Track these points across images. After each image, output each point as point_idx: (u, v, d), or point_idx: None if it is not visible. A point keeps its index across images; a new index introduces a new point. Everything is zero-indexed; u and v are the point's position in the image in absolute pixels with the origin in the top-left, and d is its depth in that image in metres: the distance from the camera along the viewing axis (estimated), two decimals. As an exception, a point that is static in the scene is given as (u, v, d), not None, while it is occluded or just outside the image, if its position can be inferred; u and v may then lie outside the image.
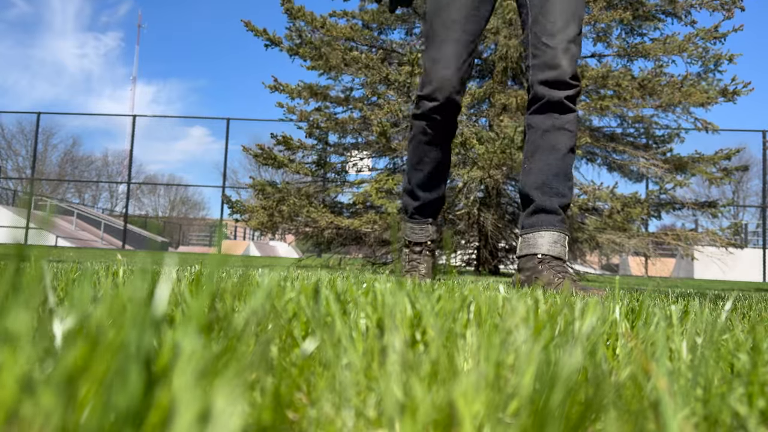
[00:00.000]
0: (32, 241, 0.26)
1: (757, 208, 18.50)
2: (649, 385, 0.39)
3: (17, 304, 0.23)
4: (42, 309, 0.45)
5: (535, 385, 0.28)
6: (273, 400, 0.27)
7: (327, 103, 6.17)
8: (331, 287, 0.69)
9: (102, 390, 0.22)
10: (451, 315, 0.47)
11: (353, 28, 5.97)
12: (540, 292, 0.81)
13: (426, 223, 2.40)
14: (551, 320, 0.46)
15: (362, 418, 0.32)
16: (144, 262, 0.29)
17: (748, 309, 1.11)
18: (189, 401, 0.22)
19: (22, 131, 32.14)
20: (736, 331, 0.62)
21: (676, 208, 6.52)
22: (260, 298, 0.39)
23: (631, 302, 0.91)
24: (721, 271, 10.68)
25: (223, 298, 0.51)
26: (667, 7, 6.22)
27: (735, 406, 0.36)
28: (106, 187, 36.14)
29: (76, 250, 11.39)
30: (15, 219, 14.32)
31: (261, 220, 5.63)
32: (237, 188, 23.79)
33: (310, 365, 0.40)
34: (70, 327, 0.26)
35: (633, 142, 6.72)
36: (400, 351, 0.32)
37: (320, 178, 6.28)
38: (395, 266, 0.76)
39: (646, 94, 6.01)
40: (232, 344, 0.29)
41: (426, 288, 0.74)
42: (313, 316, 0.50)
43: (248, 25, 5.84)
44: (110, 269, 1.11)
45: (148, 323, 0.23)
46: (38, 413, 0.21)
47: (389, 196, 5.30)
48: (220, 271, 0.36)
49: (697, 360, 0.39)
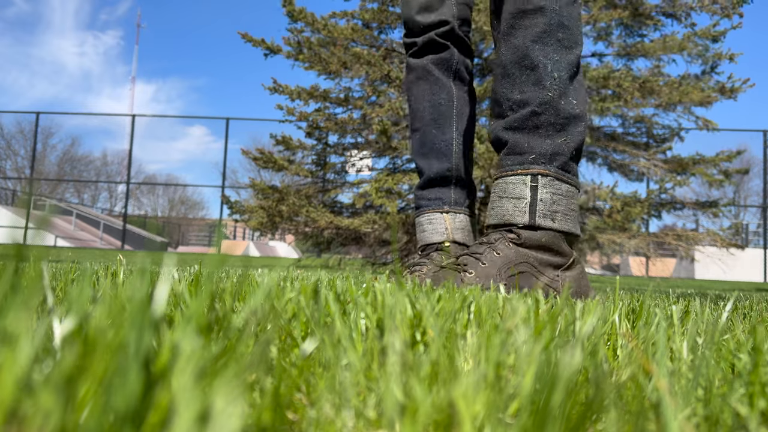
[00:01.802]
0: (31, 241, 0.26)
1: (758, 208, 18.51)
2: (650, 385, 0.39)
3: (16, 305, 0.23)
4: (41, 309, 0.45)
5: (535, 385, 0.28)
6: (272, 400, 0.27)
7: (327, 104, 6.17)
8: (331, 287, 0.69)
9: (101, 390, 0.22)
10: (451, 315, 0.47)
11: (354, 28, 5.97)
12: (540, 293, 0.81)
13: (436, 211, 1.67)
14: (551, 321, 0.46)
15: (362, 419, 0.32)
16: (143, 262, 0.29)
17: (749, 309, 1.11)
18: (188, 401, 0.21)
19: (21, 131, 32.16)
20: (737, 331, 0.61)
21: (677, 208, 6.52)
22: (260, 298, 0.39)
23: (631, 302, 0.91)
24: (722, 271, 10.69)
25: (223, 298, 0.50)
26: (667, 9, 6.22)
27: (736, 406, 0.36)
28: (106, 187, 36.18)
29: (75, 250, 11.39)
30: (14, 219, 14.31)
31: (260, 220, 5.63)
32: (236, 188, 23.81)
33: (309, 366, 0.40)
34: (69, 327, 0.26)
35: (633, 142, 6.72)
36: (400, 351, 0.32)
37: (320, 178, 6.28)
38: (395, 266, 0.74)
39: (646, 94, 6.02)
40: (231, 344, 0.28)
41: (426, 288, 0.73)
42: (312, 317, 0.50)
43: (245, 36, 5.83)
44: (109, 269, 1.11)
45: (148, 323, 0.23)
46: (37, 413, 0.21)
47: (389, 195, 5.30)
48: (219, 271, 0.36)
49: (697, 360, 0.39)
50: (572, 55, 1.37)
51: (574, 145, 1.36)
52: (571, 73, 1.37)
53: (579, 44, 1.39)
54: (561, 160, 1.34)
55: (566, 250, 1.37)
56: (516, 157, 1.36)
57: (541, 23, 1.34)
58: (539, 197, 1.32)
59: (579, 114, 1.37)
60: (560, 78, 1.34)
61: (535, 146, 1.34)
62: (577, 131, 1.37)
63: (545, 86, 1.33)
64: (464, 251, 1.57)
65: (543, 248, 1.33)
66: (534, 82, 1.34)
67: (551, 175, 1.33)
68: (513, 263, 1.31)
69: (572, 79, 1.37)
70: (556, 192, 1.33)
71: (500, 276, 1.29)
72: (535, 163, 1.33)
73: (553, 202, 1.33)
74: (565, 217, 1.34)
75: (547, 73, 1.33)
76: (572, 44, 1.37)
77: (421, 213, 1.71)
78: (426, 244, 1.67)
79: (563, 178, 1.34)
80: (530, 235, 1.32)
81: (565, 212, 1.35)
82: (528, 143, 1.35)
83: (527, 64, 1.35)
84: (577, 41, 1.38)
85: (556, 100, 1.33)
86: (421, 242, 1.69)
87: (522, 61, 1.35)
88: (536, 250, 1.33)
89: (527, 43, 1.34)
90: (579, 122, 1.37)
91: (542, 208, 1.32)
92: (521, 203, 1.32)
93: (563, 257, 1.37)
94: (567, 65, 1.35)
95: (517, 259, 1.31)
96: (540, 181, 1.32)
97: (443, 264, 1.46)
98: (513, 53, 1.37)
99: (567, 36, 1.36)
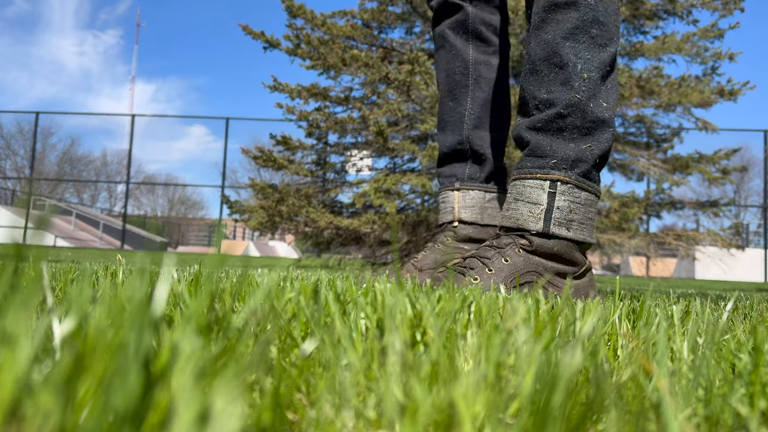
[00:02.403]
0: (31, 241, 0.26)
1: (758, 208, 18.52)
2: (651, 385, 0.39)
3: (16, 305, 0.23)
4: (41, 309, 0.45)
5: (535, 385, 0.28)
6: (272, 400, 0.27)
7: (327, 103, 6.17)
8: (331, 287, 0.69)
9: (101, 390, 0.22)
10: (451, 315, 0.47)
11: (353, 26, 5.97)
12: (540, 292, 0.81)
13: (448, 189, 1.63)
14: (552, 321, 0.46)
15: (362, 419, 0.32)
16: (143, 262, 0.29)
17: (749, 309, 1.11)
18: (188, 402, 0.21)
19: (21, 131, 32.15)
20: (738, 331, 0.61)
21: (677, 207, 6.52)
22: (259, 298, 0.39)
23: (632, 302, 0.91)
24: (722, 271, 10.69)
25: (222, 298, 0.50)
26: (668, 6, 6.22)
27: (736, 406, 0.36)
28: (105, 186, 36.17)
29: (74, 250, 11.39)
30: (13, 219, 14.31)
31: (260, 220, 5.62)
32: (236, 188, 23.80)
33: (309, 366, 0.40)
34: (69, 327, 0.26)
35: (633, 142, 6.72)
36: (400, 351, 0.32)
37: (320, 178, 6.27)
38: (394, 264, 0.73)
39: (646, 94, 6.02)
40: (231, 345, 0.28)
41: (426, 288, 0.73)
42: (312, 317, 0.50)
43: (246, 28, 5.84)
44: (109, 269, 1.11)
45: (147, 323, 0.23)
46: (37, 413, 0.21)
47: (388, 196, 5.30)
48: (219, 271, 0.36)
49: (698, 360, 0.39)
50: (606, 54, 1.29)
51: (599, 152, 1.30)
52: (603, 73, 1.29)
53: (614, 41, 1.30)
54: (583, 167, 1.28)
55: (579, 259, 1.33)
56: (537, 160, 1.30)
57: (573, 18, 1.26)
58: (556, 204, 1.27)
59: (607, 119, 1.29)
60: (590, 78, 1.27)
61: (558, 150, 1.28)
62: (604, 137, 1.30)
63: (573, 87, 1.26)
64: (472, 231, 1.56)
65: (555, 257, 1.29)
66: (562, 81, 1.27)
67: (571, 182, 1.27)
68: (521, 272, 1.26)
69: (604, 79, 1.30)
70: (575, 200, 1.28)
71: (506, 286, 1.25)
72: (556, 168, 1.28)
73: (570, 211, 1.27)
74: (581, 226, 1.30)
75: (576, 73, 1.26)
76: (607, 42, 1.29)
77: (439, 192, 1.66)
78: (437, 225, 1.64)
79: (583, 186, 1.29)
80: (543, 242, 1.27)
81: (581, 221, 1.29)
82: (551, 146, 1.29)
83: (556, 62, 1.28)
84: (612, 38, 1.30)
85: (584, 103, 1.27)
86: (437, 223, 1.65)
87: (551, 58, 1.28)
88: (547, 259, 1.28)
89: (558, 39, 1.27)
90: (607, 128, 1.30)
91: (558, 216, 1.27)
92: (537, 209, 1.27)
93: (575, 266, 1.33)
94: (599, 64, 1.28)
95: (526, 267, 1.26)
96: (559, 188, 1.27)
97: (447, 264, 1.43)
98: (542, 49, 1.30)
99: (601, 33, 1.27)
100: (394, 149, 5.57)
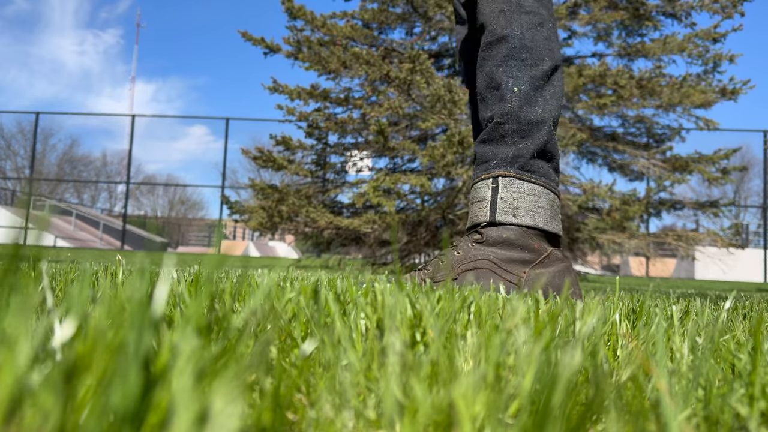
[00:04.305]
0: (31, 241, 0.26)
1: (758, 208, 18.51)
2: (650, 385, 0.39)
3: (15, 305, 0.23)
4: (41, 309, 0.45)
5: (535, 385, 0.28)
6: (272, 401, 0.27)
7: (327, 104, 6.17)
8: (331, 288, 0.69)
9: (101, 390, 0.22)
10: (451, 315, 0.47)
11: (353, 27, 5.97)
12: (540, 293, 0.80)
13: None
14: (551, 321, 0.46)
15: (362, 419, 0.32)
16: (143, 262, 0.29)
17: (749, 309, 1.11)
18: (188, 402, 0.21)
19: (21, 131, 32.16)
20: (737, 331, 0.61)
21: (677, 207, 6.53)
22: (259, 298, 0.39)
23: (631, 303, 0.91)
24: (722, 271, 10.69)
25: (222, 298, 0.50)
26: (668, 8, 6.22)
27: (736, 406, 0.36)
28: (105, 187, 36.19)
29: (74, 250, 11.39)
30: (13, 219, 14.31)
31: (260, 221, 5.62)
32: (236, 188, 23.79)
33: (309, 366, 0.40)
34: (69, 327, 0.26)
35: (633, 142, 6.72)
36: (400, 352, 0.32)
37: (320, 178, 6.27)
38: (395, 266, 0.75)
39: (646, 94, 6.02)
40: (231, 345, 0.28)
41: (426, 289, 0.73)
42: (312, 317, 0.50)
43: (245, 34, 5.84)
44: (109, 270, 1.11)
45: (147, 324, 0.23)
46: (37, 413, 0.21)
47: (387, 195, 5.30)
48: (219, 271, 0.36)
49: (697, 361, 0.39)
50: (537, 71, 1.45)
51: (535, 147, 1.42)
52: (536, 85, 1.45)
53: (546, 60, 1.46)
54: (521, 161, 1.41)
55: (535, 246, 1.39)
56: (482, 165, 1.45)
57: (504, 49, 1.45)
58: (500, 196, 1.39)
59: (542, 119, 1.43)
60: (521, 90, 1.43)
61: (498, 153, 1.43)
62: (540, 134, 1.42)
63: (506, 99, 1.43)
64: None
65: (507, 244, 1.37)
66: (498, 98, 1.44)
67: (510, 175, 1.40)
68: (470, 260, 1.35)
69: (538, 89, 1.44)
70: (517, 190, 1.40)
71: (453, 271, 1.35)
72: (497, 167, 1.42)
73: (514, 200, 1.39)
74: (529, 213, 1.39)
75: (508, 89, 1.43)
76: (537, 61, 1.45)
77: None
78: None
79: (524, 177, 1.41)
80: (491, 231, 1.37)
81: (529, 209, 1.39)
82: (493, 151, 1.44)
83: (494, 86, 1.46)
84: (543, 57, 1.46)
85: (516, 111, 1.41)
86: None
87: (490, 84, 1.46)
88: (500, 247, 1.37)
89: (493, 68, 1.46)
90: (542, 126, 1.43)
91: (503, 206, 1.38)
92: (484, 204, 1.41)
93: (532, 253, 1.38)
94: (530, 79, 1.44)
95: (477, 256, 1.36)
96: (500, 182, 1.40)
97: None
98: (483, 79, 1.48)
99: (530, 55, 1.45)
100: (395, 149, 5.57)
